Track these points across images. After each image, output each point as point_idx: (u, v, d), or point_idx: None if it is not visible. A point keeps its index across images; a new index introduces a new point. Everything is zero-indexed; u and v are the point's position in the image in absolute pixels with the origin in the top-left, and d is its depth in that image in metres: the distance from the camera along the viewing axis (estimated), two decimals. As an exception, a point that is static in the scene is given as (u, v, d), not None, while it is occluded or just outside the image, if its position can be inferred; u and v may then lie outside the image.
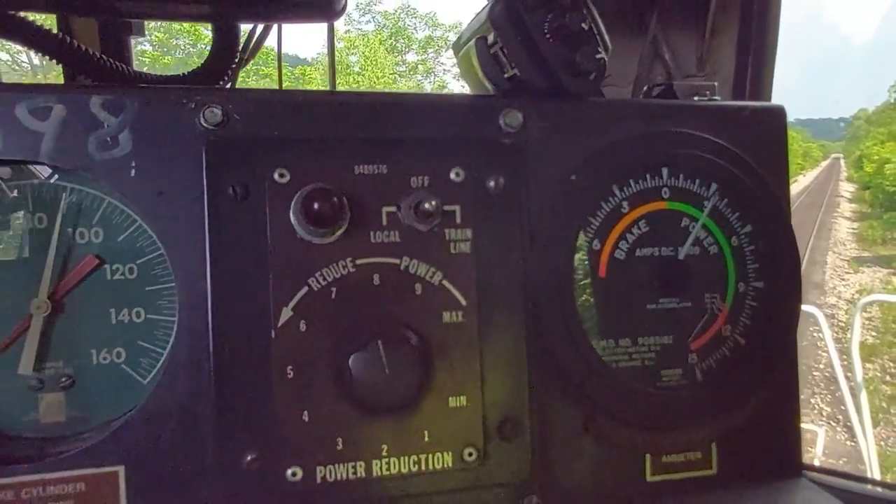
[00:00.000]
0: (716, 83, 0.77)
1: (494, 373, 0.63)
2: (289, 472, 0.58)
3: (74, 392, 0.60)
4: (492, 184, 0.64)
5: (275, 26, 0.89)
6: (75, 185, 0.59)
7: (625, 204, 0.68)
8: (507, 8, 0.65)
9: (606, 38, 0.68)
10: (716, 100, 0.75)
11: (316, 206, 0.55)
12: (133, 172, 0.57)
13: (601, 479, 0.66)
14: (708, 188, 0.70)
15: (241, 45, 0.83)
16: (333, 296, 0.59)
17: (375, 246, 0.61)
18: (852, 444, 3.04)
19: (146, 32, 0.92)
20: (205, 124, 0.58)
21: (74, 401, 0.60)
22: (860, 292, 11.37)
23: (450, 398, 0.62)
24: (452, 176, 0.63)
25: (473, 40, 0.68)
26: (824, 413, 6.90)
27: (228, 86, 0.84)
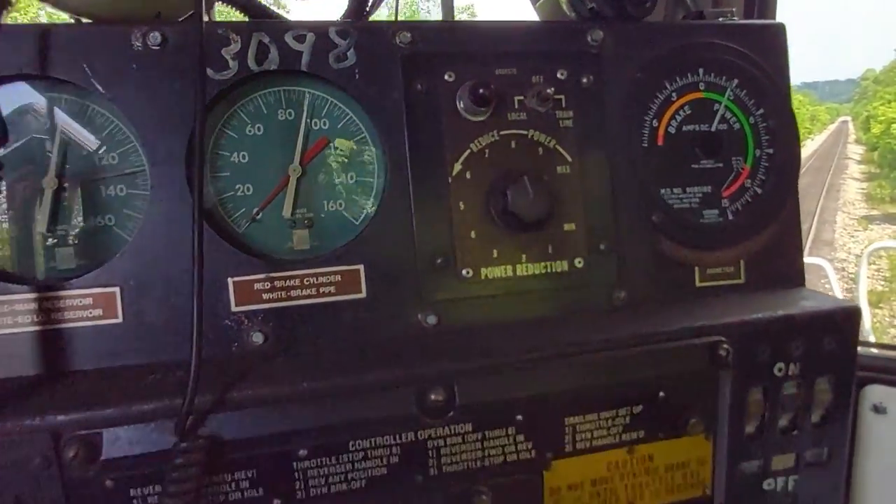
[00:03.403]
0: (734, 8, 1.05)
1: (592, 208, 0.93)
2: (463, 271, 0.89)
3: (314, 229, 0.90)
4: (584, 80, 0.93)
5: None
6: (311, 90, 0.89)
7: (673, 94, 0.97)
8: (589, -42, 0.94)
9: (658, -24, 0.97)
10: (735, 20, 1.04)
11: (481, 91, 0.85)
12: (357, 76, 0.86)
13: (665, 283, 0.97)
14: (731, 81, 0.99)
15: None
16: (487, 155, 0.89)
17: (511, 122, 0.90)
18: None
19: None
20: (400, 43, 0.87)
21: (313, 235, 0.90)
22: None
23: (564, 224, 0.92)
24: (559, 75, 0.92)
25: (565, -17, 0.98)
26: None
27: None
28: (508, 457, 0.80)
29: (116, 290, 0.79)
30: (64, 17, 0.93)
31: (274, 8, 1.00)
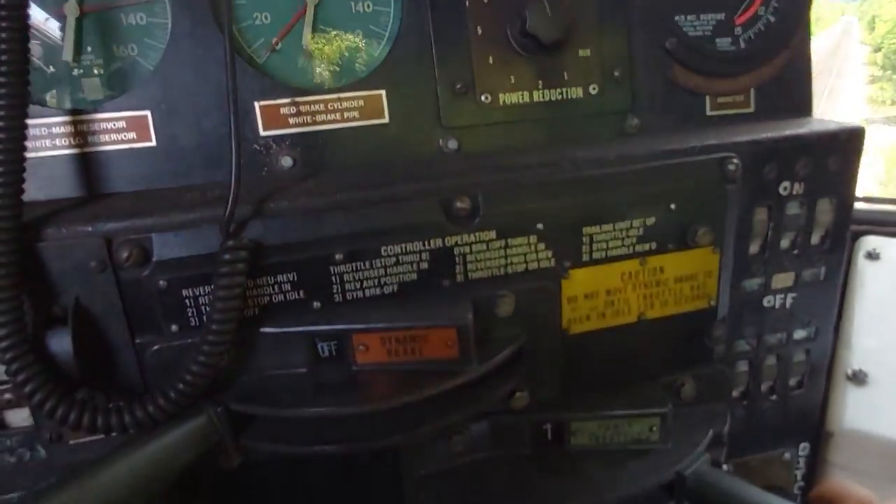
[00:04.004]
0: None
1: (606, 34, 0.94)
2: (482, 97, 0.91)
3: (333, 59, 0.91)
4: None
5: None
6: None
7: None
8: None
9: None
10: None
11: None
12: None
13: (676, 110, 0.99)
14: None
15: None
16: (505, -18, 0.89)
17: (526, -56, 0.90)
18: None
19: None
20: None
21: (334, 65, 0.91)
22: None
23: (579, 50, 0.93)
24: None
25: None
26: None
27: None
28: (530, 265, 0.85)
29: (148, 113, 0.82)
30: None
31: None
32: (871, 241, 1.54)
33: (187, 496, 0.88)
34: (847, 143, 0.95)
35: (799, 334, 1.06)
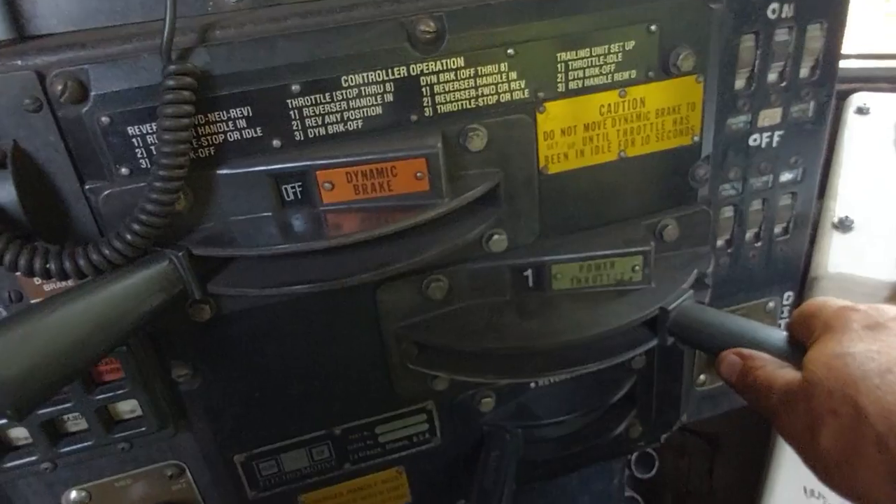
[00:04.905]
0: None
1: None
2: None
3: None
4: None
5: None
6: None
7: None
8: None
9: None
10: None
11: None
12: None
13: None
14: None
15: None
16: None
17: None
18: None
19: None
20: None
21: None
22: (860, 46, 11.36)
23: None
24: None
25: None
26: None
27: None
28: (502, 97, 0.80)
29: None
30: None
31: None
32: (861, 97, 1.50)
33: (165, 357, 0.86)
34: (840, -42, 0.89)
35: (785, 177, 1.03)
